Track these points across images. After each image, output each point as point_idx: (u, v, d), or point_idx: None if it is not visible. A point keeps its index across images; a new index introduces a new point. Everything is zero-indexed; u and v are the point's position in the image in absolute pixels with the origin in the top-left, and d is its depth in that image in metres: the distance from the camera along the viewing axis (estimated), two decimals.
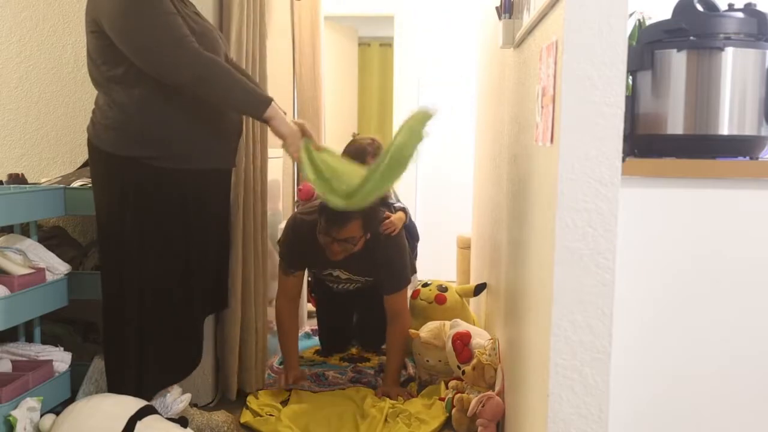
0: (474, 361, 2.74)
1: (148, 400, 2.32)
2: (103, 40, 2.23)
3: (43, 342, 2.59)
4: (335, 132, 5.94)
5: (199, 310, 2.52)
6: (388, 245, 3.04)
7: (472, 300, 3.81)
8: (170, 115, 2.28)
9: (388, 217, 3.07)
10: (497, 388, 2.55)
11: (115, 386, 2.39)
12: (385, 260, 3.04)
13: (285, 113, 2.38)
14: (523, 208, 2.09)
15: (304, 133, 2.37)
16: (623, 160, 1.54)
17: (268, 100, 2.31)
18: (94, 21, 2.23)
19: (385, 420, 2.69)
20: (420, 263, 3.73)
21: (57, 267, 2.51)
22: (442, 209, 5.53)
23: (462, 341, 2.92)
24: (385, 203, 3.17)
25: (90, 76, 2.34)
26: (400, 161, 2.24)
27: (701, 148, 1.71)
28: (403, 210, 3.23)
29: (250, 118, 2.80)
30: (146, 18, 2.15)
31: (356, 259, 3.00)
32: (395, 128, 6.52)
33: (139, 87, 2.24)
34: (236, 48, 2.74)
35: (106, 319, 2.42)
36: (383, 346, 3.36)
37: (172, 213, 2.33)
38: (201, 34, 2.29)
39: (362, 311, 3.59)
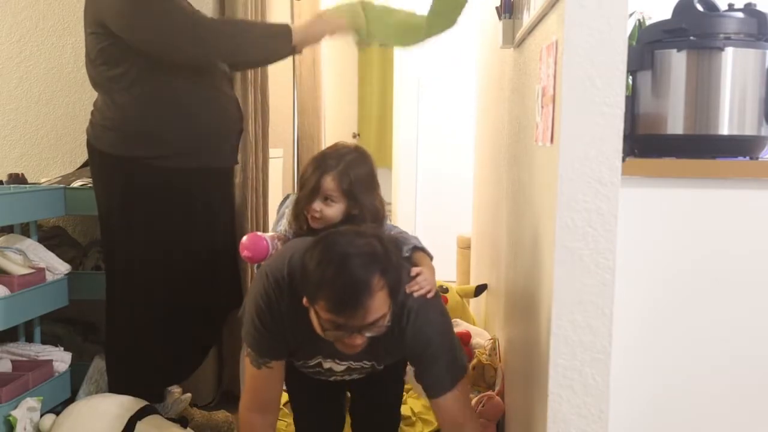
0: (474, 361, 2.74)
1: (149, 401, 2.32)
2: (103, 40, 2.22)
3: (43, 342, 2.59)
4: (335, 132, 5.93)
5: (209, 310, 2.51)
6: (422, 318, 1.83)
7: (472, 300, 3.81)
8: (169, 115, 2.28)
9: (417, 274, 1.87)
10: (497, 388, 2.55)
11: (116, 386, 2.39)
12: (421, 343, 1.84)
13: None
14: (523, 208, 2.09)
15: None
16: (623, 160, 1.54)
17: (288, 34, 2.25)
18: (96, 22, 2.23)
19: None
20: None
21: (57, 267, 2.51)
22: (442, 209, 5.53)
23: (462, 341, 2.92)
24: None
25: (89, 76, 2.34)
26: None
27: (701, 148, 1.71)
28: (424, 251, 2.04)
29: (252, 117, 2.80)
30: (154, 5, 2.15)
31: (370, 343, 1.76)
32: (395, 128, 6.51)
33: (138, 87, 2.24)
34: None
35: (109, 320, 2.42)
36: None
37: (173, 212, 2.33)
38: None
39: (354, 394, 2.31)
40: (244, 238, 2.06)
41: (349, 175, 1.96)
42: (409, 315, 1.80)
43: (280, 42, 2.26)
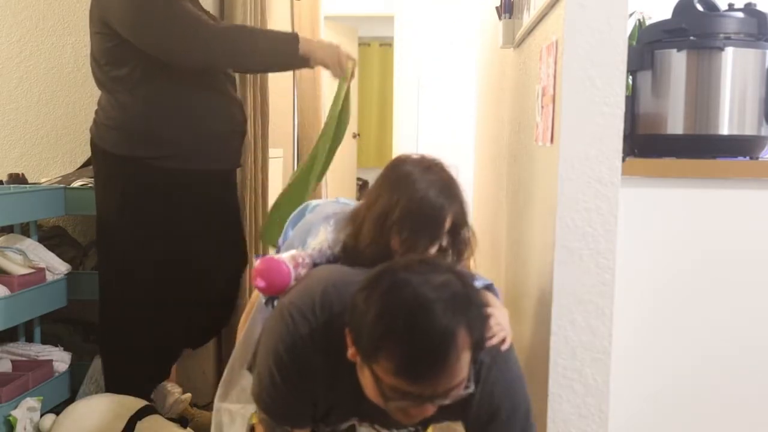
0: None
1: (147, 400, 2.32)
2: (108, 41, 2.23)
3: (43, 342, 2.59)
4: None
5: (206, 312, 2.50)
6: (495, 375, 1.40)
7: None
8: (173, 116, 2.28)
9: (488, 316, 1.36)
10: None
11: (112, 386, 2.39)
12: (492, 407, 1.40)
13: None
14: (523, 208, 2.09)
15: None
16: (623, 160, 1.54)
17: (295, 40, 2.24)
18: (102, 22, 2.23)
19: None
20: None
21: (57, 267, 2.51)
22: None
23: None
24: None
25: (93, 76, 2.34)
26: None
27: (701, 148, 1.71)
28: (491, 289, 1.57)
29: (251, 117, 2.80)
30: (159, 8, 2.15)
31: None
32: (395, 130, 6.50)
33: (143, 87, 2.25)
34: None
35: (103, 320, 2.42)
36: None
37: (173, 213, 2.33)
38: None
39: None
40: (258, 263, 1.56)
41: (462, 207, 1.55)
42: (480, 371, 1.36)
43: (286, 50, 2.25)
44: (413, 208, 1.48)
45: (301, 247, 1.66)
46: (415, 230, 1.48)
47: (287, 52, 2.25)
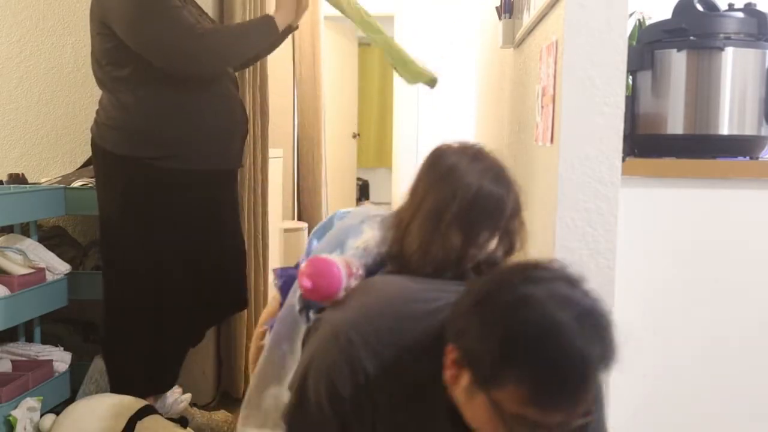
0: None
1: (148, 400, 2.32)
2: (109, 41, 2.23)
3: (43, 342, 2.59)
4: (335, 132, 5.94)
5: (205, 312, 2.50)
6: None
7: None
8: (175, 116, 2.28)
9: None
10: None
11: (116, 387, 2.39)
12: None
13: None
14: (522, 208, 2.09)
15: None
16: (623, 160, 1.54)
17: (271, 22, 2.33)
18: (102, 23, 2.23)
19: None
20: None
21: (57, 267, 2.51)
22: None
23: None
24: None
25: (94, 76, 2.34)
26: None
27: (701, 148, 1.71)
28: None
29: (251, 117, 2.80)
30: (154, 15, 2.16)
31: None
32: (395, 130, 6.50)
33: (145, 88, 2.25)
34: None
35: (107, 320, 2.42)
36: None
37: (175, 213, 2.33)
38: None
39: None
40: (306, 264, 1.38)
41: (518, 194, 1.42)
42: None
43: (270, 32, 2.34)
44: (470, 201, 1.34)
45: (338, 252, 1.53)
46: (475, 225, 1.34)
47: (270, 34, 2.35)
